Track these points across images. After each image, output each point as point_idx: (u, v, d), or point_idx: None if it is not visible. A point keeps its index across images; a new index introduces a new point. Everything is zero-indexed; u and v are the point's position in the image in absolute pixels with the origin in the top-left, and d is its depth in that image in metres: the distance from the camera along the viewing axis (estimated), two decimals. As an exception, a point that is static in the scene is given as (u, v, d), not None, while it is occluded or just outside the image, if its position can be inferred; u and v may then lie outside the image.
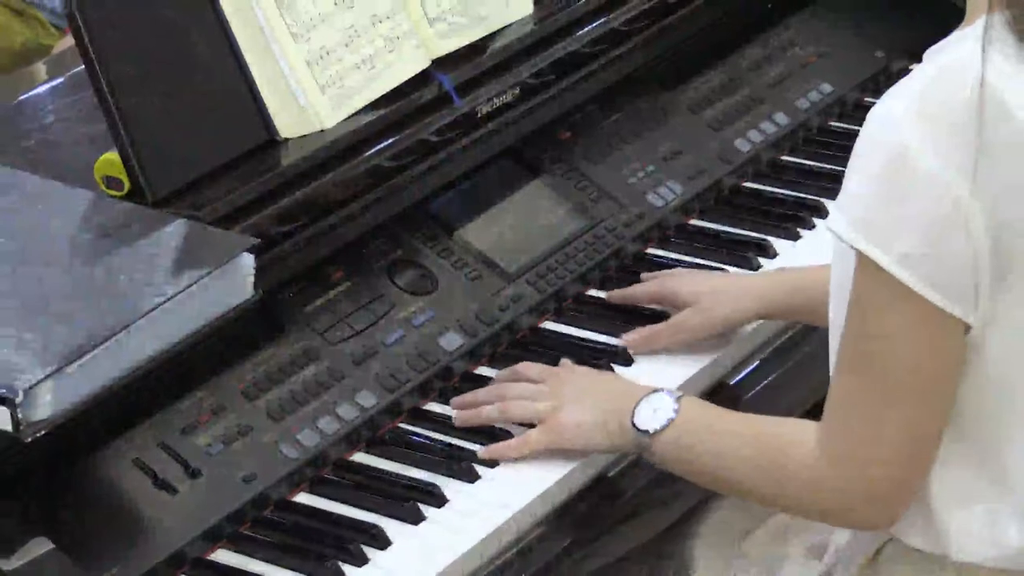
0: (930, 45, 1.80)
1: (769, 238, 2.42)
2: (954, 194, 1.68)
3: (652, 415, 1.97)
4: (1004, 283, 1.72)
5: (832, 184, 2.40)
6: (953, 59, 1.74)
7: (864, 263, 1.73)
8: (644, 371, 2.18)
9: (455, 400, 2.14)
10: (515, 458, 2.04)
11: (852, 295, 1.77)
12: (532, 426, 2.07)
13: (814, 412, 1.89)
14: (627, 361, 2.20)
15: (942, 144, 1.68)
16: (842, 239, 1.74)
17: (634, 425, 1.99)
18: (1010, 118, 1.69)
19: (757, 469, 1.90)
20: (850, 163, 1.75)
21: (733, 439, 1.94)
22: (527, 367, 2.14)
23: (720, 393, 2.22)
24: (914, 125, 1.70)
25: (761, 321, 2.26)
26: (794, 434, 1.88)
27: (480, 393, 2.14)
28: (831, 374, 1.84)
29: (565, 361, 2.16)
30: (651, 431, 1.97)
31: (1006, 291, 1.73)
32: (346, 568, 1.89)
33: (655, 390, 2.01)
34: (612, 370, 2.19)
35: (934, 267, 1.70)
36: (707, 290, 2.22)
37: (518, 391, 2.11)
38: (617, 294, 2.31)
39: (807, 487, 1.85)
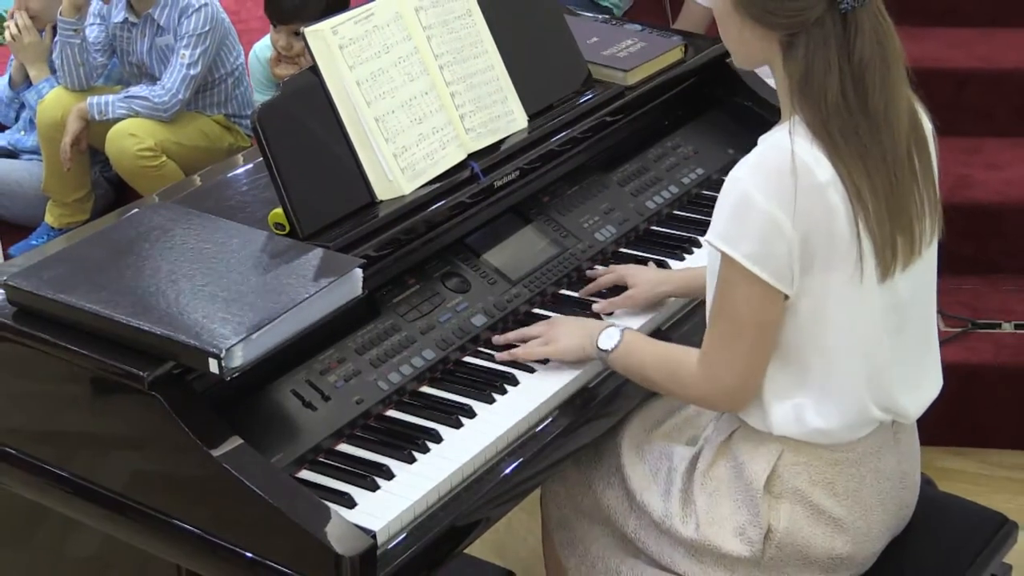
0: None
1: (667, 259, 2.35)
2: (778, 220, 1.68)
3: (608, 340, 1.96)
4: (808, 272, 1.72)
5: (702, 229, 2.33)
6: (774, 141, 1.74)
7: (725, 258, 1.73)
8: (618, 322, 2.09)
9: (497, 338, 2.06)
10: (523, 358, 2.00)
11: (719, 277, 1.76)
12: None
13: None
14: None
15: (771, 191, 1.69)
16: (712, 244, 1.74)
17: (598, 347, 1.96)
18: (812, 175, 1.69)
19: (664, 375, 1.89)
20: (717, 203, 1.75)
21: (652, 357, 1.92)
22: (532, 327, 2.07)
23: (658, 334, 2.16)
24: (753, 180, 1.70)
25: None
26: (685, 355, 1.87)
27: (511, 336, 2.06)
28: (707, 323, 1.83)
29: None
30: (608, 349, 1.95)
31: (809, 276, 1.73)
32: (416, 455, 1.84)
33: (610, 325, 1.99)
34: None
35: (766, 261, 1.70)
36: (641, 280, 2.18)
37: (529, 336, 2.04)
38: (588, 287, 2.22)
39: (692, 386, 1.85)
